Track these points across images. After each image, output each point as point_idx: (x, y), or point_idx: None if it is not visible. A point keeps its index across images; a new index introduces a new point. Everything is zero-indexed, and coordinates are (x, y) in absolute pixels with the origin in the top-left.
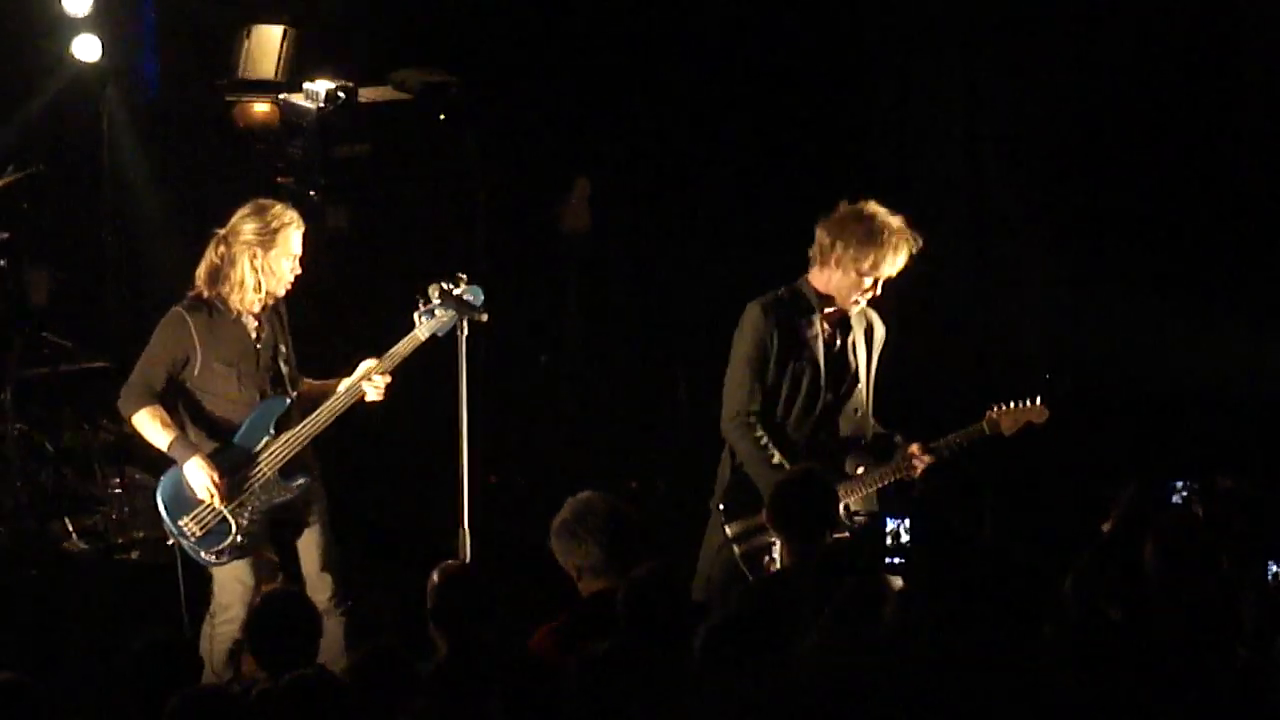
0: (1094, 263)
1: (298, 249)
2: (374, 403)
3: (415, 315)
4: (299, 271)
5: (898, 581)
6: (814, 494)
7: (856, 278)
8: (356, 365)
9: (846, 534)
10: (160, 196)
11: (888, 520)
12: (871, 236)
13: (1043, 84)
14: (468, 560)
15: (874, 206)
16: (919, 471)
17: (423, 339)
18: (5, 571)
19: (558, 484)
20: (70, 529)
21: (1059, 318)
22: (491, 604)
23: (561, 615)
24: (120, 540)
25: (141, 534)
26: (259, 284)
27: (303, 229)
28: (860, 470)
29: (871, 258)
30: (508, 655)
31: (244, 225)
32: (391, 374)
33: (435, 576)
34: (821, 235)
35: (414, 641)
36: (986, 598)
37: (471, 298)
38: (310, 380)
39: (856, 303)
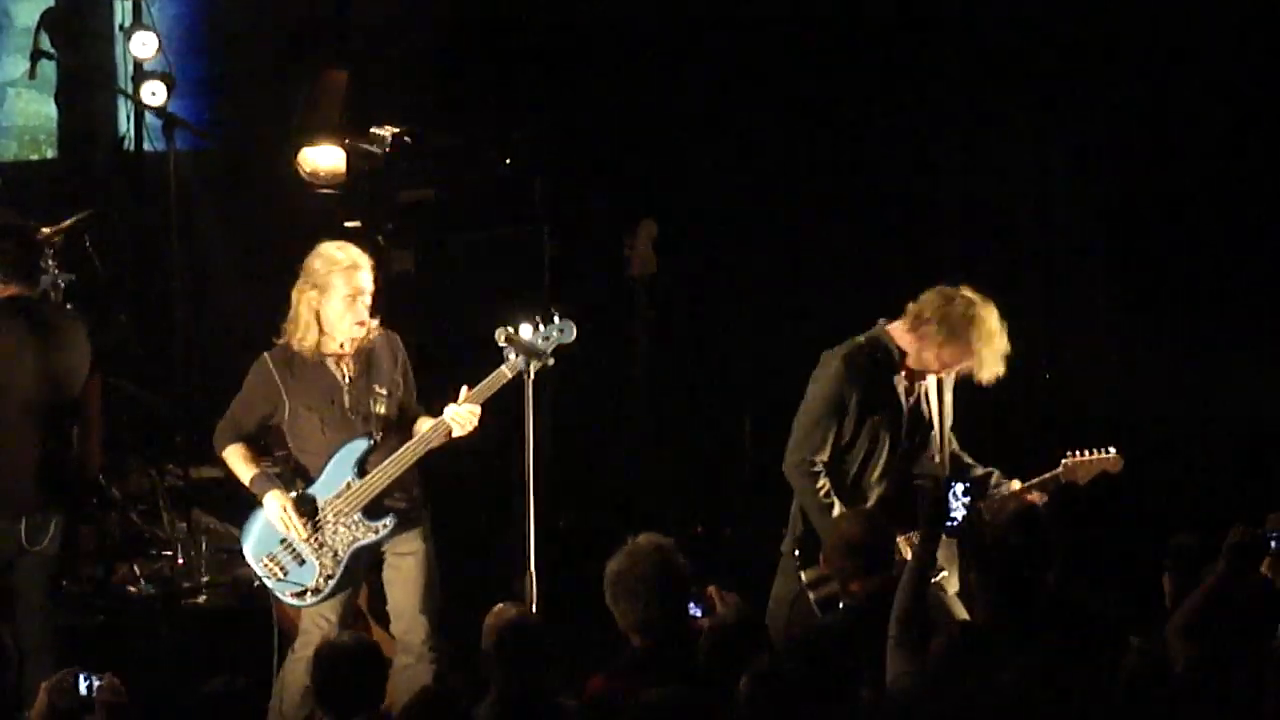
0: (1163, 302)
1: (352, 290)
2: (463, 437)
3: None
4: (361, 316)
5: (958, 609)
6: (869, 538)
7: (940, 362)
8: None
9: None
10: (226, 242)
11: (949, 484)
12: (971, 341)
13: (1114, 119)
14: (533, 603)
15: (984, 308)
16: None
17: (509, 376)
18: (73, 616)
19: (625, 527)
20: (137, 573)
21: (1125, 356)
22: (545, 649)
23: (617, 663)
24: (187, 585)
25: (208, 579)
26: (320, 328)
27: (361, 269)
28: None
29: (960, 357)
30: (558, 701)
31: (305, 267)
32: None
33: (490, 620)
34: (926, 307)
35: (479, 685)
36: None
37: (560, 333)
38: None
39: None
